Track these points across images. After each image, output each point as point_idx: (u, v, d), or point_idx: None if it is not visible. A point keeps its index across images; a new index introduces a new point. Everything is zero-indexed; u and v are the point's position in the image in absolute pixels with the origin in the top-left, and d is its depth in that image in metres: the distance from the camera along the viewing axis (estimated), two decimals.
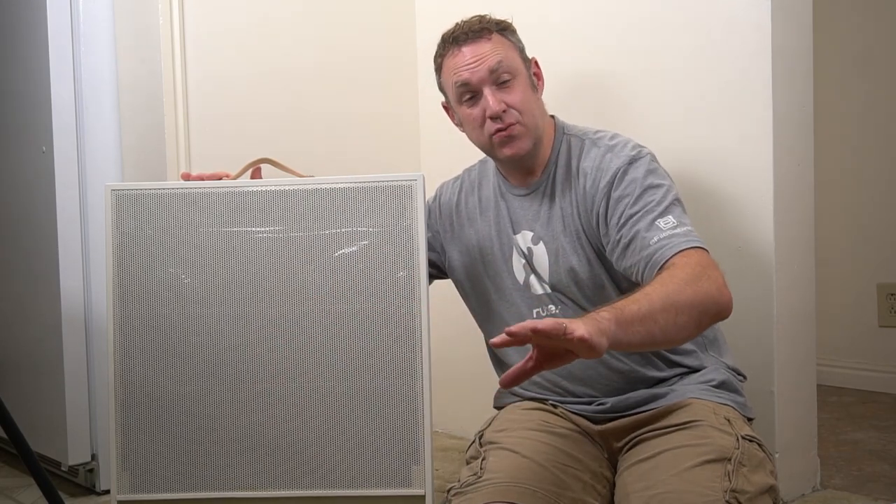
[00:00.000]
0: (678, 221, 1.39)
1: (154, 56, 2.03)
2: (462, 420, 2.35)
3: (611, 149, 1.50)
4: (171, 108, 2.04)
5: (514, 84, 1.50)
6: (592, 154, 1.51)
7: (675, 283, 1.26)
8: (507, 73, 1.49)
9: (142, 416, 1.58)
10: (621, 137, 1.53)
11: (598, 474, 1.41)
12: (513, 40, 1.54)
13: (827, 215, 2.64)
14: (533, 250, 1.54)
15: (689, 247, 1.35)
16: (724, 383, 1.50)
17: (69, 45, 2.04)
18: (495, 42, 1.50)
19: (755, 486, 1.29)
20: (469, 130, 1.56)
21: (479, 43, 1.50)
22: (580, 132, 1.56)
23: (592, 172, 1.49)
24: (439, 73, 1.58)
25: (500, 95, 1.49)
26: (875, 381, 2.90)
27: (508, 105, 1.48)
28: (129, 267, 1.58)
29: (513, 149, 1.50)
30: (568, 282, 1.51)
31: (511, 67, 1.50)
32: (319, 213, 1.56)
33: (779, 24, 1.73)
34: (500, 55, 1.49)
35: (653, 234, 1.38)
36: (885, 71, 2.87)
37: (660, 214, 1.40)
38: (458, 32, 1.52)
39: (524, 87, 1.51)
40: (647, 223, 1.40)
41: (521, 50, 1.55)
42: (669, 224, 1.39)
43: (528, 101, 1.51)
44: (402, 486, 1.55)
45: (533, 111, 1.52)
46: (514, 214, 1.58)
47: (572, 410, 1.53)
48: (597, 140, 1.53)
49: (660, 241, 1.37)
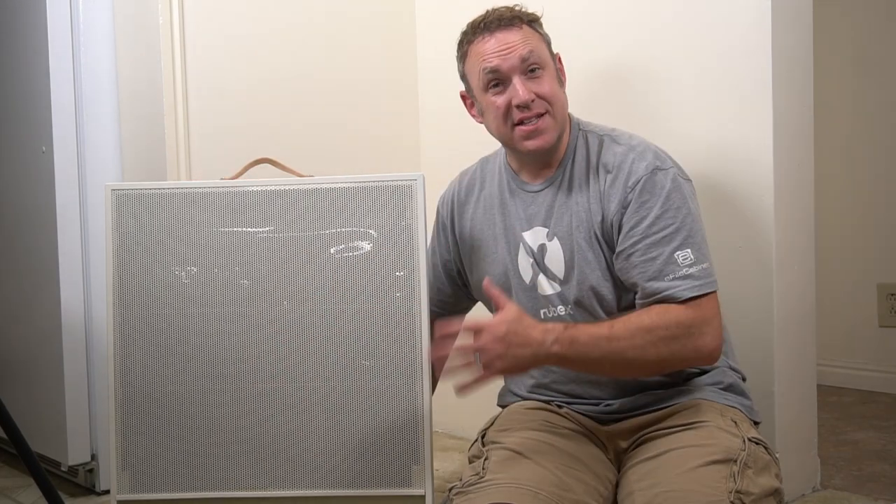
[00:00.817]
0: (696, 256, 1.39)
1: (154, 56, 2.03)
2: (462, 420, 2.34)
3: (633, 148, 1.47)
4: (171, 108, 2.04)
5: (544, 75, 1.48)
6: (614, 150, 1.49)
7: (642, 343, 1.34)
8: (536, 63, 1.48)
9: (142, 416, 1.58)
10: (639, 138, 1.51)
11: (600, 476, 1.41)
12: (541, 33, 1.53)
13: (827, 215, 2.64)
14: (546, 247, 1.52)
15: (700, 293, 1.37)
16: (731, 386, 1.50)
17: (69, 45, 2.04)
18: (526, 32, 1.49)
19: (760, 488, 1.29)
20: (490, 120, 1.52)
21: (511, 31, 1.48)
22: (597, 129, 1.55)
23: (614, 170, 1.46)
24: (464, 61, 1.54)
25: (529, 85, 1.47)
26: (875, 381, 2.90)
27: (538, 95, 1.47)
28: (129, 267, 1.58)
29: (538, 142, 1.48)
30: (577, 280, 1.49)
31: (541, 59, 1.49)
32: (319, 213, 1.56)
33: (779, 24, 1.73)
34: (532, 45, 1.48)
35: (669, 271, 1.39)
36: (885, 71, 2.87)
37: (679, 245, 1.39)
38: (490, 19, 1.50)
39: (553, 78, 1.50)
40: (665, 254, 1.39)
41: (548, 43, 1.54)
42: (687, 260, 1.39)
43: (557, 92, 1.50)
44: (402, 486, 1.55)
45: (562, 102, 1.51)
46: (525, 211, 1.55)
47: (578, 411, 1.52)
48: (616, 137, 1.51)
49: (674, 281, 1.38)
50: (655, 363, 1.38)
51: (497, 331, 1.30)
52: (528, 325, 1.32)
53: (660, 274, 1.39)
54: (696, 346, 1.37)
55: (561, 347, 1.32)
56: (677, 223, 1.41)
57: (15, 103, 2.21)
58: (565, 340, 1.32)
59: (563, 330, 1.34)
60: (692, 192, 1.47)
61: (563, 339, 1.32)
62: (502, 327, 1.30)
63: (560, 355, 1.33)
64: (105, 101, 2.08)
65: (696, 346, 1.37)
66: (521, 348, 1.31)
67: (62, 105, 2.03)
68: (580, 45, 2.04)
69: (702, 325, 1.37)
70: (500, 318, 1.32)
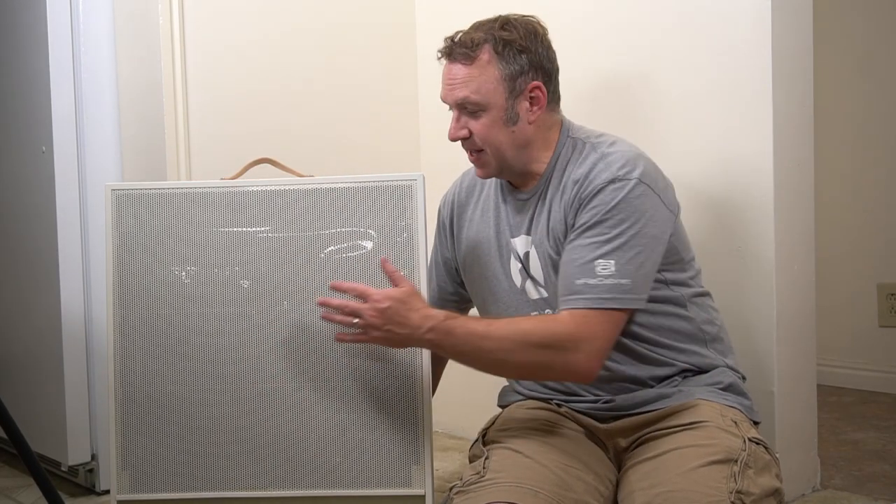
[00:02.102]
0: (616, 269, 1.37)
1: (154, 56, 2.03)
2: (462, 420, 2.35)
3: (604, 157, 1.45)
4: (171, 109, 2.04)
5: (482, 115, 1.46)
6: (589, 160, 1.46)
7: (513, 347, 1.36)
8: (474, 105, 1.46)
9: (142, 416, 1.58)
10: (621, 146, 1.47)
11: (600, 475, 1.41)
12: (502, 64, 1.45)
13: (827, 215, 2.64)
14: (530, 254, 1.54)
15: (597, 307, 1.36)
16: (731, 386, 1.50)
17: (69, 45, 2.04)
18: (476, 67, 1.45)
19: (761, 488, 1.30)
20: None
21: (458, 65, 1.46)
22: (583, 135, 1.53)
23: (582, 180, 1.45)
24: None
25: (464, 121, 1.48)
26: (875, 381, 2.90)
27: (472, 132, 1.48)
28: (129, 267, 1.58)
29: (478, 172, 1.55)
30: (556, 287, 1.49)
31: (479, 101, 1.45)
32: (319, 213, 1.56)
33: (779, 24, 1.73)
34: (468, 89, 1.45)
35: (582, 276, 1.38)
36: (885, 71, 2.87)
37: (604, 254, 1.38)
38: (452, 42, 1.48)
39: (493, 120, 1.46)
40: (587, 258, 1.38)
41: (509, 76, 1.45)
42: (606, 270, 1.37)
43: (493, 134, 1.46)
44: (402, 486, 1.54)
45: (499, 144, 1.47)
46: (513, 218, 1.57)
47: (578, 409, 1.52)
48: (596, 145, 1.49)
49: (583, 287, 1.37)
50: (524, 368, 1.41)
51: (379, 304, 1.36)
52: (410, 308, 1.37)
53: (573, 276, 1.39)
54: (566, 362, 1.36)
55: (435, 336, 1.36)
56: (613, 233, 1.38)
57: (15, 103, 2.21)
58: (441, 330, 1.36)
59: (444, 319, 1.37)
60: (655, 207, 1.41)
61: (440, 329, 1.36)
62: (386, 302, 1.36)
63: (433, 343, 1.38)
64: (105, 101, 2.08)
65: (567, 361, 1.36)
66: (397, 326, 1.36)
67: (62, 105, 2.03)
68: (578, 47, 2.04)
69: (579, 341, 1.35)
70: (389, 293, 1.38)
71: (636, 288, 1.38)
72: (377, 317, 1.36)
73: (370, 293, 1.38)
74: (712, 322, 1.54)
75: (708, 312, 1.54)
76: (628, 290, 1.37)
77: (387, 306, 1.36)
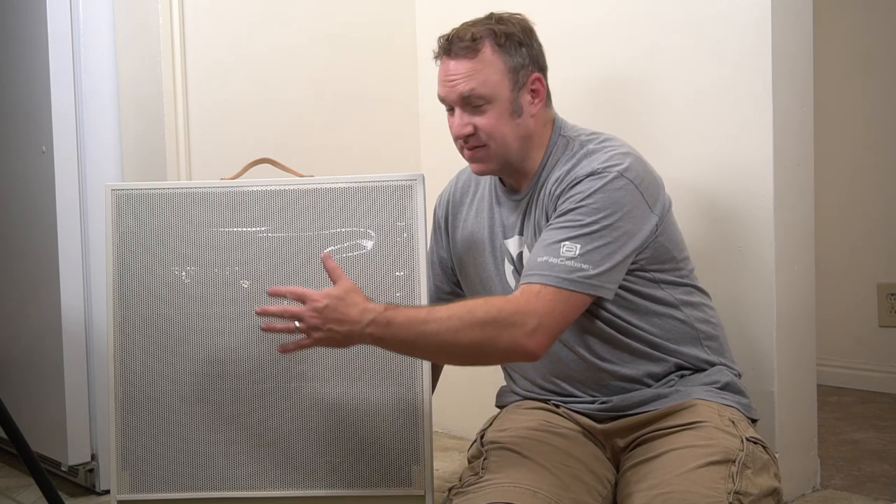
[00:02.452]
0: (580, 253, 1.35)
1: (154, 56, 2.03)
2: (462, 420, 2.35)
3: (589, 153, 1.45)
4: (171, 108, 2.04)
5: (488, 109, 1.45)
6: (576, 156, 1.47)
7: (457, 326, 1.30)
8: (480, 98, 1.45)
9: (142, 416, 1.58)
10: (611, 143, 1.47)
11: (599, 475, 1.41)
12: (506, 57, 1.46)
13: (827, 215, 2.64)
14: (523, 255, 1.53)
15: (550, 283, 1.33)
16: (728, 384, 1.50)
17: (69, 45, 2.04)
18: (479, 61, 1.45)
19: (759, 488, 1.29)
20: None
21: (461, 60, 1.45)
22: (575, 133, 1.53)
23: (563, 175, 1.45)
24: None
25: (467, 118, 1.46)
26: (875, 381, 2.90)
27: (477, 128, 1.46)
28: (129, 267, 1.58)
29: (477, 168, 1.51)
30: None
31: (486, 94, 1.44)
32: (319, 212, 1.56)
33: (779, 24, 1.73)
34: (475, 82, 1.44)
35: (544, 253, 1.36)
36: (885, 71, 2.87)
37: (571, 237, 1.36)
38: (450, 40, 1.48)
39: (499, 112, 1.46)
40: (553, 239, 1.37)
41: (512, 68, 1.46)
42: (569, 252, 1.35)
43: (499, 127, 1.46)
44: (402, 486, 1.54)
45: (504, 137, 1.47)
46: (507, 219, 1.57)
47: (575, 409, 1.52)
48: (585, 142, 1.49)
49: (542, 264, 1.35)
50: (469, 350, 1.33)
51: (317, 303, 1.30)
52: (349, 303, 1.31)
53: (536, 255, 1.37)
54: (512, 337, 1.31)
55: (376, 328, 1.30)
56: (586, 221, 1.37)
57: (15, 103, 2.21)
58: (381, 322, 1.30)
59: (383, 311, 1.31)
60: (634, 201, 1.40)
61: (380, 321, 1.30)
62: (323, 301, 1.30)
63: (375, 336, 1.31)
64: (105, 101, 2.08)
65: (512, 336, 1.31)
66: (337, 324, 1.30)
67: (62, 105, 2.03)
68: (578, 48, 2.04)
69: (526, 315, 1.31)
70: (326, 291, 1.32)
71: (599, 276, 1.36)
72: (317, 317, 1.30)
73: (308, 294, 1.32)
74: (707, 320, 1.54)
75: (702, 311, 1.54)
76: (589, 277, 1.35)
77: (324, 305, 1.30)
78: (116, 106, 2.09)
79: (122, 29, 2.08)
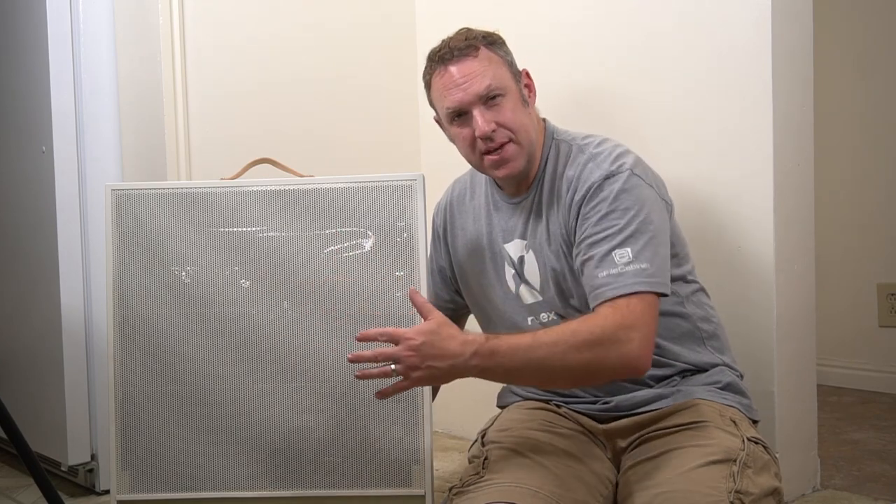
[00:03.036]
0: (634, 255, 1.35)
1: (154, 56, 2.03)
2: (462, 420, 2.35)
3: (593, 157, 1.46)
4: (171, 109, 2.04)
5: (504, 102, 1.45)
6: (577, 161, 1.47)
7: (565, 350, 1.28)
8: (497, 90, 1.45)
9: (141, 417, 1.58)
10: (608, 144, 1.48)
11: (600, 475, 1.41)
12: (501, 54, 1.48)
13: (827, 215, 2.64)
14: (525, 259, 1.53)
15: (630, 292, 1.33)
16: (729, 385, 1.50)
17: (69, 45, 2.04)
18: (482, 59, 1.45)
19: (760, 487, 1.29)
20: (460, 149, 1.52)
21: (466, 61, 1.45)
22: (569, 137, 1.53)
23: (574, 182, 1.45)
24: (429, 90, 1.53)
25: (489, 115, 1.44)
26: (875, 381, 2.90)
27: (499, 124, 1.44)
28: (129, 267, 1.58)
29: (506, 170, 1.47)
30: (555, 291, 1.50)
31: (500, 86, 1.45)
32: (319, 213, 1.56)
33: (779, 24, 1.73)
34: (489, 75, 1.44)
35: (603, 268, 1.36)
36: (885, 71, 2.87)
37: (619, 244, 1.36)
38: (444, 51, 1.47)
39: (514, 103, 1.47)
40: (603, 252, 1.37)
41: (510, 63, 1.49)
42: (624, 258, 1.35)
43: (520, 117, 1.47)
44: (402, 486, 1.54)
45: (526, 127, 1.48)
46: (506, 224, 1.56)
47: (577, 410, 1.52)
48: (583, 146, 1.49)
49: (607, 278, 1.35)
50: (578, 372, 1.31)
51: (413, 341, 1.26)
52: (445, 337, 1.28)
53: (595, 272, 1.37)
54: (620, 354, 1.29)
55: (481, 360, 1.27)
56: (622, 223, 1.38)
57: (15, 103, 2.22)
58: (485, 353, 1.28)
59: (485, 342, 1.28)
60: (651, 196, 1.42)
61: (483, 352, 1.27)
62: (418, 339, 1.26)
63: (480, 367, 1.28)
64: (105, 101, 2.08)
65: (621, 353, 1.29)
66: (437, 360, 1.27)
67: (62, 105, 2.03)
68: (578, 48, 2.04)
69: (629, 329, 1.30)
70: (419, 328, 1.28)
71: (658, 272, 1.37)
72: (414, 356, 1.26)
73: (400, 334, 1.27)
74: (709, 319, 1.54)
75: (704, 309, 1.55)
76: (652, 275, 1.35)
77: (421, 342, 1.26)
78: (116, 106, 2.09)
79: (122, 29, 2.08)
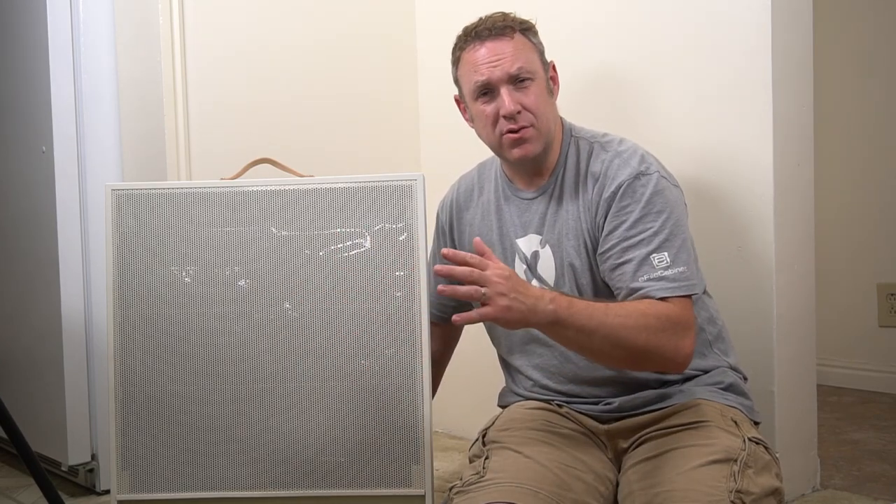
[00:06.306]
0: (672, 259, 1.38)
1: (154, 56, 2.03)
2: (462, 420, 2.35)
3: (619, 154, 1.48)
4: (171, 108, 2.04)
5: (532, 86, 1.48)
6: (601, 158, 1.49)
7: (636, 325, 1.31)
8: (527, 73, 1.47)
9: (142, 416, 1.58)
10: (628, 143, 1.51)
11: (600, 475, 1.41)
12: (534, 42, 1.52)
13: (827, 215, 2.64)
14: (539, 254, 1.53)
15: (673, 295, 1.37)
16: (732, 386, 1.50)
17: (69, 45, 2.04)
18: (517, 42, 1.48)
19: (760, 487, 1.30)
20: (480, 127, 1.53)
21: (501, 41, 1.47)
22: (588, 135, 1.55)
23: (601, 178, 1.47)
24: (456, 66, 1.55)
25: (517, 96, 1.47)
26: (875, 381, 2.90)
27: (524, 106, 1.47)
28: (130, 267, 1.58)
29: (522, 150, 1.48)
30: (570, 287, 1.50)
31: (531, 70, 1.48)
32: (319, 212, 1.56)
33: (779, 24, 1.73)
34: (522, 58, 1.47)
35: (644, 272, 1.38)
36: (885, 71, 2.87)
37: (656, 248, 1.39)
38: (482, 28, 1.50)
39: (541, 90, 1.49)
40: (641, 255, 1.39)
41: (541, 53, 1.53)
42: (663, 263, 1.38)
43: (544, 104, 1.49)
44: (402, 486, 1.54)
45: (547, 115, 1.50)
46: (519, 218, 1.56)
47: (579, 410, 1.52)
48: (605, 144, 1.51)
49: (648, 282, 1.38)
50: (639, 351, 1.33)
51: (503, 271, 1.26)
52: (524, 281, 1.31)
53: (635, 275, 1.39)
54: (677, 346, 1.35)
55: (557, 307, 1.27)
56: (656, 227, 1.40)
57: (15, 103, 2.21)
58: (563, 302, 1.29)
59: (559, 294, 1.32)
60: (678, 198, 1.47)
61: (561, 301, 1.29)
62: (507, 270, 1.27)
63: (555, 316, 1.28)
64: (105, 101, 2.08)
65: (678, 345, 1.35)
66: (522, 294, 1.26)
67: (62, 105, 2.03)
68: (578, 49, 2.04)
69: (686, 328, 1.36)
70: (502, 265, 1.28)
71: (694, 275, 1.41)
72: (504, 283, 1.25)
73: (488, 262, 1.26)
74: (714, 321, 1.55)
75: (709, 311, 1.55)
76: (689, 277, 1.39)
77: (510, 273, 1.26)
78: (116, 106, 2.09)
79: (122, 29, 2.08)
